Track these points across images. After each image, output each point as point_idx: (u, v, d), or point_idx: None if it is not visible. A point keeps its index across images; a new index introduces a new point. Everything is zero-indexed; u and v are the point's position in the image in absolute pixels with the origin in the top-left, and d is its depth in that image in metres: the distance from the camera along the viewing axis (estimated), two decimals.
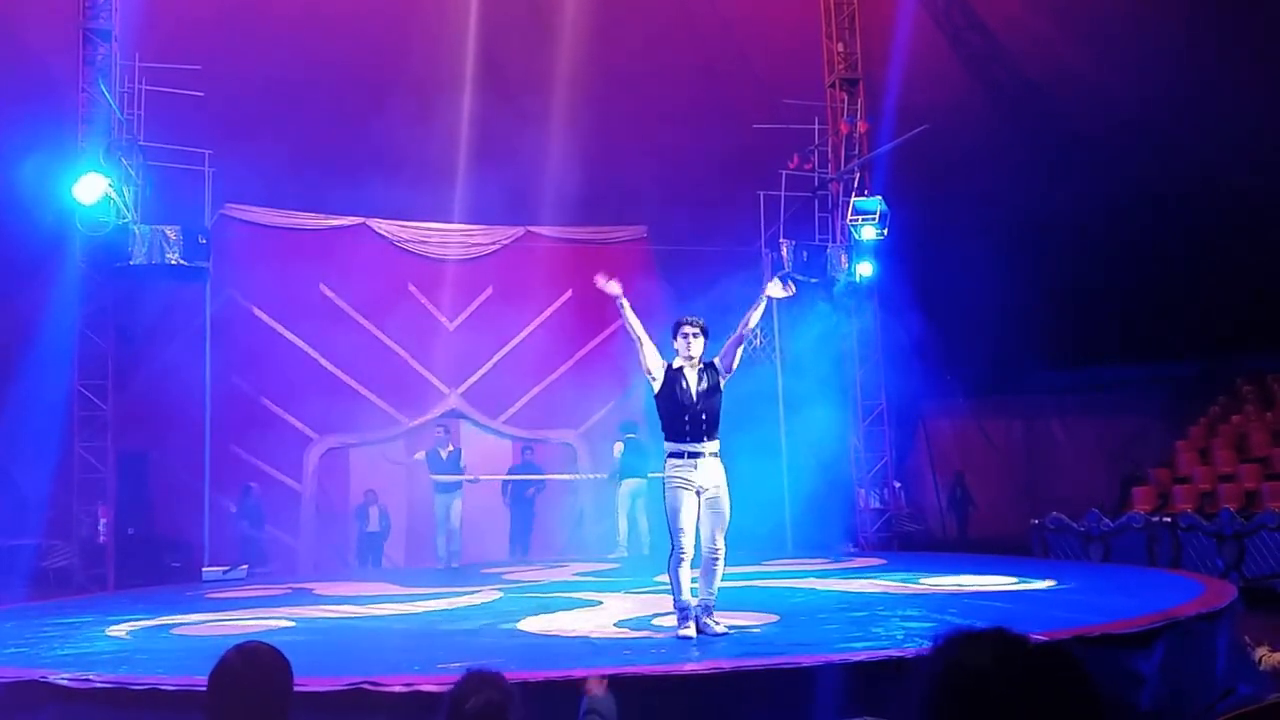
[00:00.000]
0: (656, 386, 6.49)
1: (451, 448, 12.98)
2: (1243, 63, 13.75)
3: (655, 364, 6.48)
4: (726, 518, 6.38)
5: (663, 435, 6.54)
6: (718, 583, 6.46)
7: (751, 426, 11.72)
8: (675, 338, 6.51)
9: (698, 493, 6.33)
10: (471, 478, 13.03)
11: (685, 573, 6.38)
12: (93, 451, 12.71)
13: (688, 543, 6.34)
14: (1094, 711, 1.64)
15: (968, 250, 14.84)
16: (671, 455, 6.42)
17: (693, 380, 6.41)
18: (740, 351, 6.47)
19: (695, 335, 6.43)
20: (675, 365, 6.48)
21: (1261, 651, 5.44)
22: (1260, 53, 13.63)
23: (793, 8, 15.86)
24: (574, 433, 15.90)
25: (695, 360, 6.45)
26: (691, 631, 6.33)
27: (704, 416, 6.37)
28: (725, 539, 6.41)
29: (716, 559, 6.38)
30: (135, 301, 13.44)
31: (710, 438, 6.39)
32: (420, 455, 12.91)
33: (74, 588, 12.15)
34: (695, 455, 6.35)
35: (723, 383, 6.48)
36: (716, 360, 6.50)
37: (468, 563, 14.11)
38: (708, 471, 6.36)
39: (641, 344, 6.49)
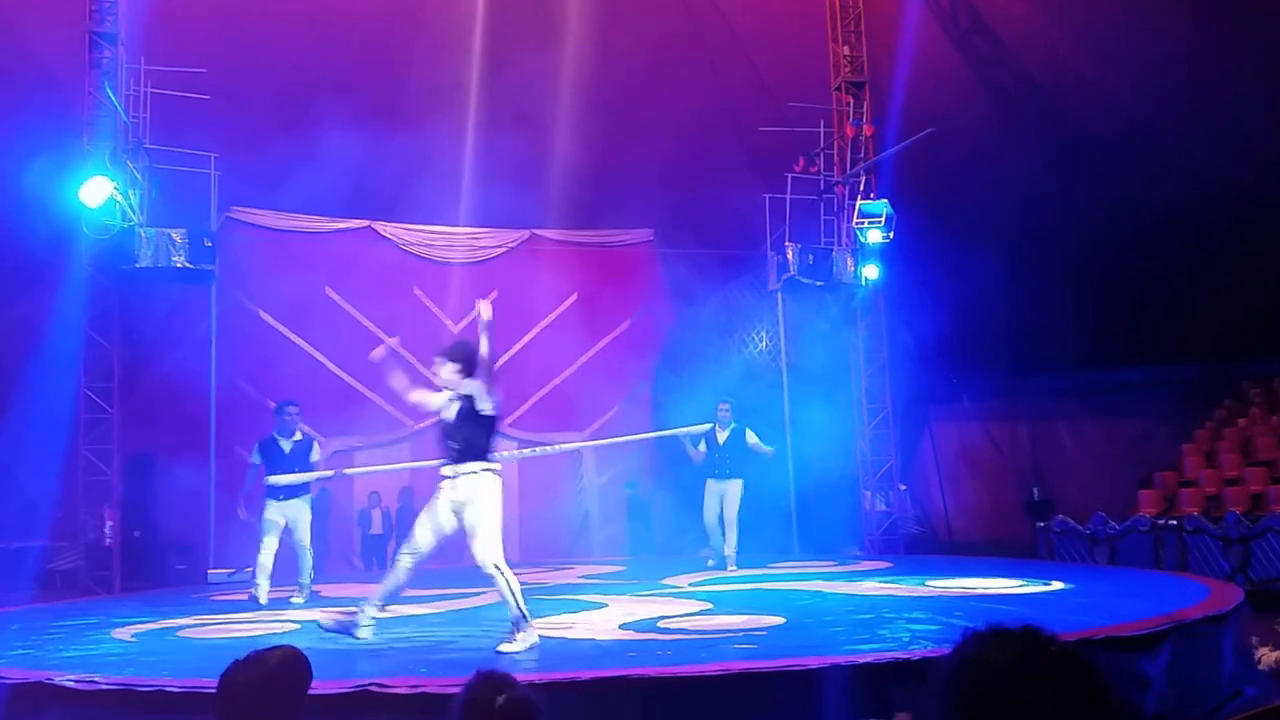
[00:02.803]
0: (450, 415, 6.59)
1: (300, 435, 9.75)
2: (1248, 66, 13.72)
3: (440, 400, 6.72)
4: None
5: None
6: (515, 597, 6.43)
7: (757, 428, 11.72)
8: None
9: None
10: (330, 473, 9.99)
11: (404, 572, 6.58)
12: (98, 454, 12.72)
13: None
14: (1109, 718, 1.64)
15: (973, 253, 14.81)
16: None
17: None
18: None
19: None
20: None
21: (1262, 651, 5.44)
22: (1266, 55, 13.60)
23: (798, 11, 15.83)
24: (580, 435, 15.89)
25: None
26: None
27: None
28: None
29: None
30: (141, 304, 13.46)
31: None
32: (256, 458, 9.74)
33: (80, 590, 12.17)
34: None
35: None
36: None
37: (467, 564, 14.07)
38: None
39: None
